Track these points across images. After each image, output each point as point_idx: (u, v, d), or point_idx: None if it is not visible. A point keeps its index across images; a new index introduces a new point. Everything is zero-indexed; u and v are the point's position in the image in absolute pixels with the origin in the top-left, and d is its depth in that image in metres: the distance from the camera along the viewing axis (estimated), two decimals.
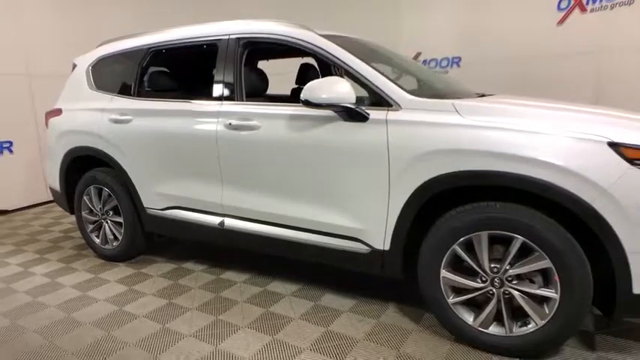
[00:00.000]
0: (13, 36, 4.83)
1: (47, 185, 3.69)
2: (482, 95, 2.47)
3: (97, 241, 3.30)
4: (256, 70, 3.00)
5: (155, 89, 3.03)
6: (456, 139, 1.84)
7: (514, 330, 1.86)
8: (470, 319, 1.95)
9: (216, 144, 2.52)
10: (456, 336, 2.02)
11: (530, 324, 1.83)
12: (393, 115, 2.02)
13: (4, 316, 2.49)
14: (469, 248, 1.89)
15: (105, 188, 3.14)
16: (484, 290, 1.89)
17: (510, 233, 1.77)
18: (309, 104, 2.09)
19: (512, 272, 1.82)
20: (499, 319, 1.89)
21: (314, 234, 2.30)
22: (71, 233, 4.04)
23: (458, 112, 1.90)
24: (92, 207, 3.26)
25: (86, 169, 3.25)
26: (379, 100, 2.08)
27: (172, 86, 3.12)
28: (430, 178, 1.90)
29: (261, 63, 3.73)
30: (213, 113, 2.56)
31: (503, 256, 1.84)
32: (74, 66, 3.43)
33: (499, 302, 1.87)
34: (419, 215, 2.00)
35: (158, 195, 2.89)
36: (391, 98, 2.05)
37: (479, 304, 1.94)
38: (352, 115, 2.08)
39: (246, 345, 2.09)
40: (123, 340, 2.18)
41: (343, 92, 2.04)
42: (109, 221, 3.22)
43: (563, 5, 4.63)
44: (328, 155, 2.17)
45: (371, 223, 2.12)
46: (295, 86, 3.21)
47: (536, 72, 4.78)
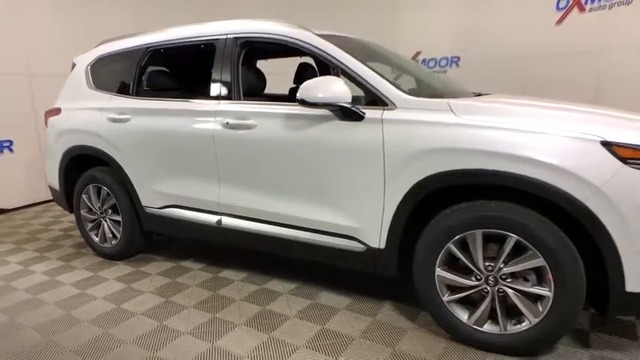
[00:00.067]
0: (13, 36, 4.85)
1: (47, 184, 3.70)
2: (478, 95, 2.48)
3: (96, 240, 3.31)
4: (254, 70, 3.01)
5: (153, 88, 3.04)
6: (451, 138, 1.86)
7: (508, 328, 1.87)
8: (464, 317, 1.96)
9: (213, 143, 2.54)
10: (451, 334, 2.03)
11: (524, 322, 1.84)
12: (389, 115, 2.03)
13: (4, 313, 2.51)
14: (464, 247, 1.90)
15: (104, 187, 3.16)
16: (478, 288, 1.90)
17: (504, 232, 1.78)
18: (305, 103, 2.10)
19: (506, 270, 1.83)
20: (493, 317, 1.90)
21: (310, 232, 2.32)
22: (71, 232, 4.06)
23: (453, 112, 1.91)
24: (91, 206, 3.28)
25: (85, 168, 3.26)
26: (375, 100, 2.09)
27: (170, 85, 3.13)
28: (425, 177, 1.91)
29: (259, 62, 3.75)
30: (210, 112, 2.57)
31: (497, 255, 1.85)
32: (73, 65, 3.45)
33: (493, 300, 1.88)
34: (414, 214, 2.01)
35: (156, 194, 2.91)
36: (387, 97, 2.06)
37: (473, 303, 1.95)
38: (348, 115, 2.09)
39: (242, 342, 2.10)
40: (120, 338, 2.20)
41: (339, 91, 2.05)
42: (108, 220, 3.23)
43: (562, 5, 4.64)
44: (324, 154, 2.18)
45: (366, 222, 2.13)
46: (293, 85, 3.23)
47: (535, 71, 4.79)
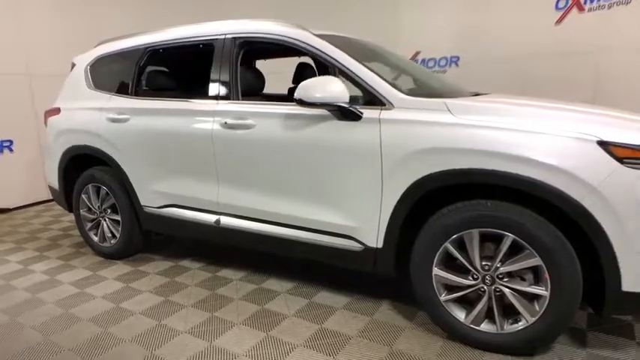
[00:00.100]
0: (13, 36, 4.86)
1: (47, 184, 3.71)
2: (476, 94, 2.49)
3: (96, 239, 3.32)
4: (252, 70, 3.02)
5: (152, 88, 3.05)
6: (448, 138, 1.86)
7: (505, 327, 1.88)
8: (462, 317, 1.96)
9: (212, 143, 2.54)
10: (448, 333, 2.04)
11: (520, 321, 1.85)
12: (386, 114, 2.03)
13: (3, 313, 2.52)
14: (461, 246, 1.91)
15: (103, 187, 3.16)
16: (475, 288, 1.91)
17: (501, 231, 1.79)
18: (302, 103, 2.11)
19: (503, 270, 1.84)
20: (490, 317, 1.91)
21: (308, 232, 2.32)
22: (70, 231, 4.07)
23: (450, 111, 1.92)
24: (90, 205, 3.29)
25: (84, 168, 3.27)
26: (372, 100, 2.10)
27: (169, 85, 3.14)
28: (422, 176, 1.92)
29: (259, 62, 3.75)
30: (209, 112, 2.58)
31: (494, 254, 1.85)
32: (73, 65, 3.46)
33: (490, 300, 1.88)
34: (411, 213, 2.02)
35: (155, 193, 2.91)
36: (384, 97, 2.06)
37: (470, 302, 1.96)
38: (346, 114, 2.10)
39: (240, 341, 2.11)
40: (119, 337, 2.20)
41: (337, 91, 2.06)
42: (107, 219, 3.24)
43: (561, 5, 4.64)
44: (322, 154, 2.19)
45: (364, 221, 2.14)
46: (292, 85, 3.23)
47: (534, 71, 4.79)
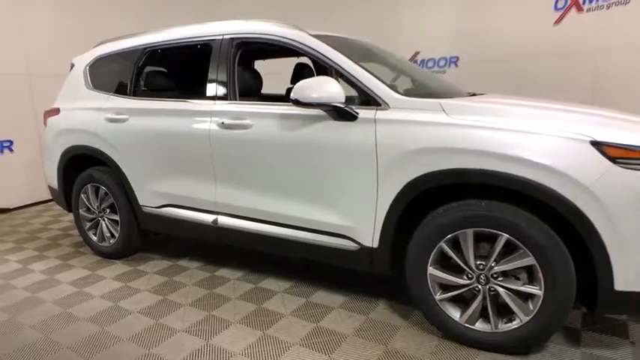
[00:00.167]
0: (13, 36, 4.88)
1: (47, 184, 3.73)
2: (472, 94, 2.50)
3: (95, 239, 3.34)
4: (250, 70, 3.03)
5: (151, 89, 3.06)
6: (442, 138, 1.87)
7: (499, 326, 1.89)
8: (456, 316, 1.98)
9: (209, 143, 2.56)
10: (443, 332, 2.05)
11: (515, 320, 1.86)
12: (382, 115, 2.04)
13: (3, 311, 2.54)
14: (455, 245, 1.92)
15: (102, 186, 3.18)
16: (470, 287, 1.92)
17: (495, 231, 1.80)
18: (299, 103, 2.12)
19: (497, 269, 1.85)
20: (485, 316, 1.92)
21: (304, 231, 2.34)
22: (70, 231, 4.09)
23: (444, 111, 1.93)
24: (89, 205, 3.31)
25: (83, 168, 3.29)
26: (368, 100, 2.11)
27: (167, 86, 3.15)
28: (417, 176, 1.93)
29: (257, 63, 3.77)
30: (206, 112, 2.59)
31: (488, 254, 1.86)
32: (72, 66, 3.47)
33: (485, 299, 1.90)
34: (407, 213, 2.03)
35: (153, 193, 2.93)
36: (380, 97, 2.07)
37: (465, 301, 1.97)
38: (342, 114, 2.11)
39: (237, 340, 2.13)
40: (117, 335, 2.22)
41: (333, 92, 2.07)
42: (106, 219, 3.26)
43: (560, 5, 4.64)
44: (318, 154, 2.20)
45: (360, 221, 2.15)
46: (290, 86, 3.24)
47: (533, 72, 4.79)
